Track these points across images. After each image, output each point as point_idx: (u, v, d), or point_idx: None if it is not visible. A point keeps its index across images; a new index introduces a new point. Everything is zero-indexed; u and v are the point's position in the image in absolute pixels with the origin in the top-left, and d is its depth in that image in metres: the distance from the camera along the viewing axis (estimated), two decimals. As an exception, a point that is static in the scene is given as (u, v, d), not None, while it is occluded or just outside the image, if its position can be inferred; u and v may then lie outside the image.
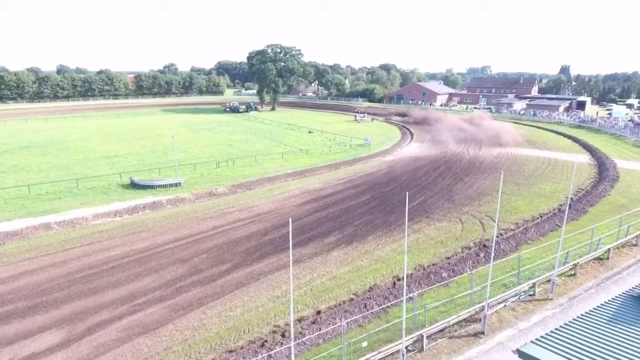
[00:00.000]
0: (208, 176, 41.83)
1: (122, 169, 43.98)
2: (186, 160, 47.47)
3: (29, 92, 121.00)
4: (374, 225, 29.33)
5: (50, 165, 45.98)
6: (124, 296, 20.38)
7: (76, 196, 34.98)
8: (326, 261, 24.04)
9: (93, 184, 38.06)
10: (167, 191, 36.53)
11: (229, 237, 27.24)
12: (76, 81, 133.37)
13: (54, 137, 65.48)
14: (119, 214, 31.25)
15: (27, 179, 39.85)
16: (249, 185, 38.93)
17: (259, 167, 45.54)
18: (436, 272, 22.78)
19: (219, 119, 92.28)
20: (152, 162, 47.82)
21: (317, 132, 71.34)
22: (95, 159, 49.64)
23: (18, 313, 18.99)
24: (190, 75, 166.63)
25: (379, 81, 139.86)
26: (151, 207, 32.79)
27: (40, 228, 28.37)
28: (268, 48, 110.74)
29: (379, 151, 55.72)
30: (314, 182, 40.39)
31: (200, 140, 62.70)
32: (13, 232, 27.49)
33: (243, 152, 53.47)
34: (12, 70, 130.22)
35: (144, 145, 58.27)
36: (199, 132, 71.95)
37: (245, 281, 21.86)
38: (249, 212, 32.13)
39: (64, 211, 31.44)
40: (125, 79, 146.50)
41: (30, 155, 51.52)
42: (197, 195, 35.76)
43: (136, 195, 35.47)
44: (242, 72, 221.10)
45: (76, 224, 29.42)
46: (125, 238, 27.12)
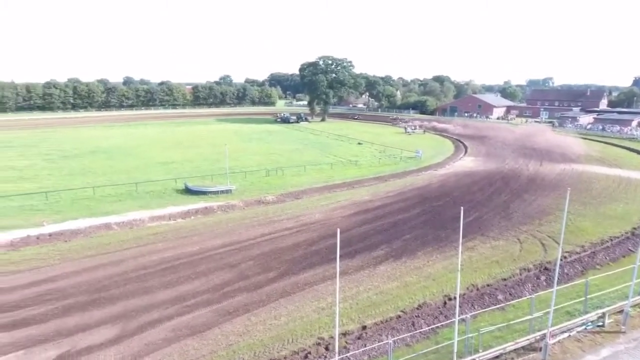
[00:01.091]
0: (258, 184, 42.60)
1: (178, 174, 45.90)
2: (237, 168, 48.70)
3: (97, 102, 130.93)
4: (424, 241, 28.26)
5: (114, 170, 49.02)
6: (174, 297, 20.92)
7: (135, 199, 36.86)
8: (373, 275, 23.39)
9: (150, 188, 39.97)
10: (219, 197, 37.55)
11: (276, 245, 27.35)
12: (139, 91, 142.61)
13: (117, 143, 70.01)
14: (173, 218, 32.47)
15: (93, 182, 42.65)
16: (298, 195, 39.12)
17: (308, 177, 45.76)
18: (491, 293, 21.39)
19: (270, 129, 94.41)
20: (206, 169, 49.54)
21: (366, 143, 70.85)
22: (154, 164, 52.31)
23: (78, 306, 20.03)
24: (244, 86, 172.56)
25: (431, 93, 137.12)
26: (203, 213, 33.78)
27: (102, 228, 30.07)
28: (320, 60, 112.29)
29: (431, 164, 54.17)
30: (363, 194, 39.85)
31: (251, 149, 64.32)
32: (78, 231, 29.34)
33: (292, 162, 54.06)
34: (84, 81, 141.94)
35: (199, 153, 60.66)
36: (251, 141, 73.91)
37: (291, 290, 21.71)
38: (297, 221, 32.17)
39: (123, 213, 33.18)
40: (184, 90, 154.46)
41: (96, 160, 55.33)
42: (246, 202, 36.43)
43: (189, 200, 36.76)
44: (294, 84, 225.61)
45: (134, 225, 30.89)
46: (177, 241, 28.03)
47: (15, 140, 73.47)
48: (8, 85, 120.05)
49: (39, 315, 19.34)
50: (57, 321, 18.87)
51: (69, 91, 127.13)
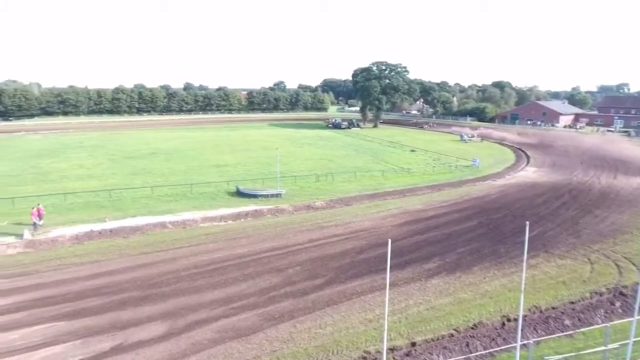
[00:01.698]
0: (307, 189, 42.52)
1: (230, 177, 46.99)
2: (288, 173, 49.01)
3: (159, 106, 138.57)
4: (480, 255, 26.54)
5: (171, 171, 51.22)
6: (221, 298, 21.06)
7: (189, 200, 38.09)
8: (424, 288, 22.21)
9: (204, 190, 41.17)
10: (269, 201, 37.85)
11: (324, 252, 26.89)
12: (198, 97, 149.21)
13: (176, 146, 73.36)
14: (224, 219, 33.07)
15: (152, 181, 44.73)
16: (347, 201, 38.51)
17: (358, 184, 45.03)
18: (557, 317, 19.46)
19: (321, 134, 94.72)
20: (257, 172, 50.35)
21: (420, 151, 68.84)
22: (208, 166, 54.05)
23: (132, 301, 20.72)
24: (297, 92, 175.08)
25: (490, 99, 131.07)
26: (253, 215, 34.13)
27: (158, 226, 31.23)
28: (373, 65, 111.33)
29: (489, 174, 51.37)
30: (415, 203, 38.45)
31: (302, 154, 64.69)
32: (136, 228, 30.66)
33: (343, 168, 53.59)
34: (149, 87, 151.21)
35: (251, 157, 61.94)
36: (302, 146, 74.45)
37: (337, 299, 21.11)
38: (346, 228, 31.55)
39: (178, 212, 34.33)
40: (239, 96, 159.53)
41: (156, 161, 58.21)
42: (296, 207, 36.37)
43: (240, 202, 37.37)
44: (346, 90, 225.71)
45: (187, 225, 31.81)
46: (227, 242, 28.42)
47: (86, 141, 79.38)
48: (82, 91, 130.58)
49: (96, 307, 20.22)
50: (112, 314, 19.61)
51: (134, 96, 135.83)
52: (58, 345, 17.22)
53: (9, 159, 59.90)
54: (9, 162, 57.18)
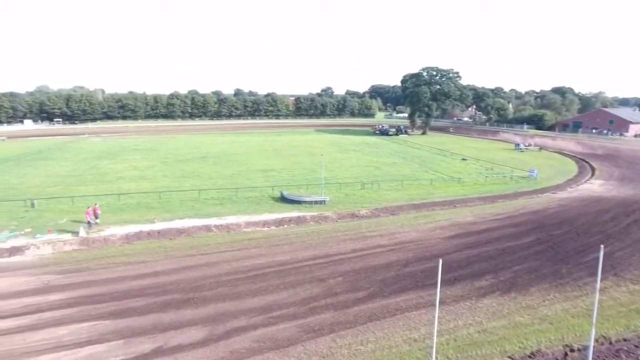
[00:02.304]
0: (352, 197, 41.61)
1: (275, 182, 47.11)
2: (332, 179, 48.38)
3: (211, 111, 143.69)
4: (539, 275, 24.37)
5: (219, 174, 52.28)
6: (261, 306, 20.66)
7: (234, 204, 38.43)
8: (475, 308, 20.58)
9: (249, 194, 41.46)
10: (312, 208, 37.35)
11: (368, 263, 25.87)
12: (247, 102, 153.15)
13: (224, 150, 75.19)
14: (267, 225, 32.92)
15: (200, 184, 45.81)
16: (393, 211, 37.18)
17: (405, 193, 43.48)
18: (630, 351, 17.18)
19: (368, 141, 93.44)
20: (302, 178, 50.16)
21: (471, 159, 65.77)
22: (254, 171, 54.65)
23: (174, 304, 20.83)
24: (345, 98, 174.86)
25: (550, 106, 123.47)
26: (296, 222, 33.74)
27: (203, 229, 31.63)
28: (423, 71, 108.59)
29: (548, 186, 47.82)
30: (466, 215, 36.39)
31: (348, 161, 63.87)
32: (182, 230, 31.24)
33: (389, 176, 52.15)
34: (201, 93, 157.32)
35: (296, 162, 62.01)
36: (348, 152, 73.67)
37: (380, 314, 20.03)
38: (391, 238, 30.31)
39: (223, 216, 34.67)
40: (287, 101, 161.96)
41: (205, 164, 59.80)
42: (339, 215, 35.60)
43: (284, 208, 37.16)
44: (395, 96, 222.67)
45: (230, 229, 31.97)
46: (269, 249, 28.15)
47: (141, 144, 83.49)
48: (140, 97, 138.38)
49: (140, 307, 20.52)
50: (155, 315, 19.77)
51: (187, 102, 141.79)
52: (102, 344, 17.52)
53: (72, 159, 64.10)
54: (72, 162, 61.15)
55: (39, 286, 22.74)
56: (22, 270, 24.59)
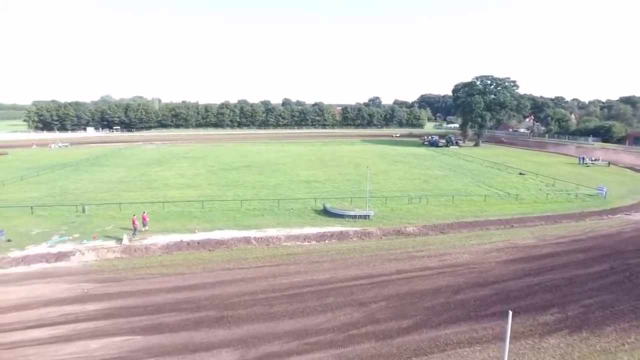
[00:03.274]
0: (399, 212, 39.31)
1: (318, 194, 45.81)
2: (378, 192, 46.33)
3: (258, 120, 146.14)
4: (615, 312, 21.05)
5: (262, 184, 51.85)
6: (297, 329, 19.20)
7: (276, 215, 37.47)
8: (539, 349, 17.88)
9: (291, 206, 40.38)
10: (356, 222, 35.55)
11: (414, 287, 23.68)
12: (294, 112, 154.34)
13: (269, 159, 75.26)
14: (308, 239, 31.53)
15: (242, 194, 45.48)
16: (443, 228, 34.52)
17: (456, 209, 40.50)
18: None
19: (416, 152, 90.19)
20: (346, 190, 48.52)
21: (530, 174, 60.96)
22: (298, 182, 53.72)
23: (207, 322, 19.86)
24: (392, 108, 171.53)
25: (618, 117, 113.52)
26: (338, 237, 32.09)
27: (242, 241, 30.80)
28: (477, 80, 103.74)
29: (620, 206, 42.81)
30: (525, 236, 33.03)
31: (394, 173, 61.39)
32: (221, 241, 30.58)
33: (439, 190, 49.20)
34: (250, 102, 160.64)
35: (341, 173, 60.46)
36: (395, 164, 71.10)
37: (428, 348, 17.88)
38: (440, 260, 27.85)
39: (263, 228, 33.74)
40: (333, 111, 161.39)
41: (249, 174, 59.78)
42: (384, 231, 33.52)
43: (326, 222, 35.65)
44: (445, 106, 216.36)
45: (270, 242, 30.90)
46: (309, 266, 26.71)
47: (190, 152, 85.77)
48: (192, 106, 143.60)
49: (173, 323, 19.75)
50: (187, 334, 18.89)
51: (236, 111, 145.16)
52: (131, 363, 16.80)
53: (125, 166, 66.67)
54: (125, 169, 63.51)
55: (78, 294, 22.72)
56: (65, 277, 24.81)
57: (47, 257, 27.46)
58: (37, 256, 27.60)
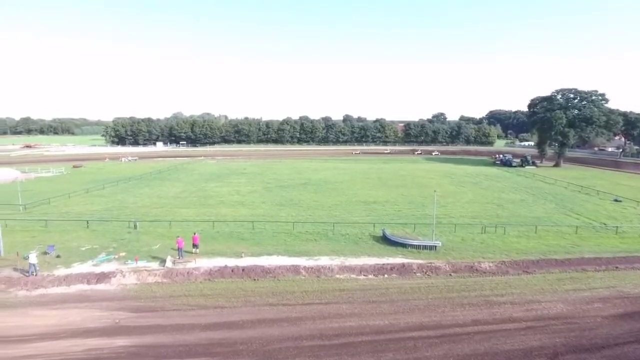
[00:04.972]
0: (470, 242, 34.04)
1: (377, 217, 41.72)
2: (445, 218, 41.21)
3: (318, 137, 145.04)
4: None
5: (317, 204, 48.73)
6: (346, 396, 15.37)
7: (329, 241, 33.98)
8: None
9: (347, 231, 36.69)
10: (420, 254, 30.96)
11: (495, 346, 18.82)
12: (354, 128, 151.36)
13: (327, 177, 72.31)
14: (364, 272, 27.57)
15: (296, 215, 42.63)
16: (526, 267, 28.84)
17: (541, 242, 34.31)
18: None
19: (487, 172, 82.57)
20: (408, 214, 43.92)
21: (627, 200, 52.01)
22: (355, 202, 49.93)
23: (241, 374, 16.72)
24: (459, 124, 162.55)
25: None
26: (399, 272, 27.76)
27: (290, 270, 27.60)
28: (557, 94, 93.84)
29: None
30: (636, 282, 26.44)
31: (463, 195, 55.40)
32: (268, 269, 27.61)
33: (517, 217, 42.85)
34: (310, 119, 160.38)
35: (403, 194, 55.72)
36: (463, 185, 64.77)
37: None
38: (527, 309, 22.56)
39: (315, 256, 30.37)
40: (395, 127, 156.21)
41: (305, 192, 57.06)
42: (454, 266, 28.61)
43: (385, 251, 31.46)
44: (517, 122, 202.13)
45: (321, 273, 27.37)
46: (364, 306, 22.77)
47: (249, 168, 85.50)
48: (254, 122, 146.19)
49: (202, 373, 16.83)
50: (215, 388, 15.82)
51: (297, 127, 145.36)
52: None
53: (184, 181, 67.19)
54: (183, 184, 63.82)
55: (108, 325, 20.73)
56: (100, 303, 23.11)
57: (88, 278, 26.16)
58: (79, 276, 26.43)
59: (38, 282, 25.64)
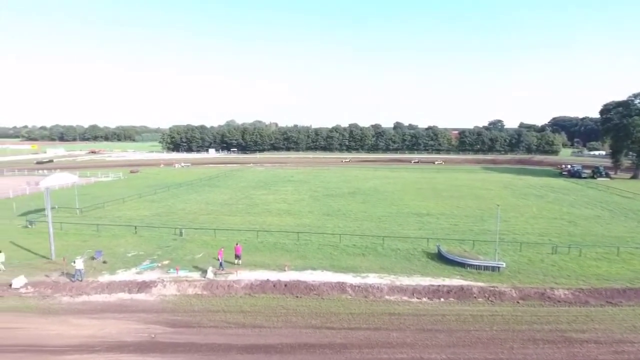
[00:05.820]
0: (539, 264, 30.09)
1: (431, 231, 38.61)
2: (507, 234, 37.29)
3: (367, 144, 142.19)
4: None
5: (366, 215, 46.30)
6: None
7: (379, 256, 31.51)
8: None
9: (398, 245, 34.00)
10: (481, 275, 27.66)
11: (581, 399, 15.50)
12: (406, 136, 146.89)
13: (376, 186, 69.56)
14: (417, 294, 24.86)
15: (343, 226, 40.53)
16: (611, 297, 24.67)
17: (626, 267, 29.62)
18: None
19: (552, 184, 75.75)
20: (465, 228, 40.33)
21: None
22: (407, 214, 46.92)
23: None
24: (519, 132, 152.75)
25: None
26: (457, 295, 24.74)
27: (336, 288, 25.51)
28: (635, 98, 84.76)
29: None
30: None
31: (527, 209, 50.45)
32: (312, 286, 25.71)
33: (593, 236, 37.88)
34: (360, 126, 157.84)
35: (458, 206, 51.81)
36: (526, 197, 59.38)
37: None
38: (616, 351, 18.83)
39: (363, 272, 28.07)
40: (449, 135, 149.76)
41: (353, 201, 54.79)
42: (522, 292, 25.08)
43: (441, 271, 28.46)
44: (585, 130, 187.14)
45: (370, 293, 25.02)
46: (417, 335, 20.14)
47: (296, 175, 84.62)
48: (303, 129, 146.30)
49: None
50: None
51: (346, 134, 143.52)
52: None
53: (232, 187, 67.40)
54: (231, 191, 63.92)
55: (144, 339, 19.76)
56: (139, 314, 22.34)
57: (130, 286, 25.70)
58: (121, 284, 26.06)
59: (82, 289, 25.53)
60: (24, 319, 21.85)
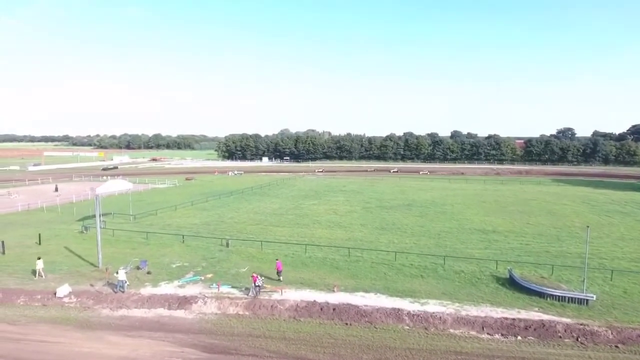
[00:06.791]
0: (636, 296, 25.04)
1: (499, 252, 34.22)
2: (592, 259, 32.01)
3: (424, 154, 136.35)
4: None
5: (423, 230, 42.53)
6: None
7: (440, 279, 27.95)
8: None
9: (461, 267, 30.17)
10: (565, 309, 23.26)
11: None
12: (465, 145, 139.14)
13: (434, 198, 65.07)
14: (488, 329, 21.13)
15: (398, 242, 37.26)
16: None
17: None
18: None
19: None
20: (540, 249, 35.43)
21: None
22: (469, 230, 42.50)
23: None
24: (594, 140, 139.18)
25: None
26: (537, 333, 20.66)
27: (391, 316, 22.44)
28: None
29: None
30: None
31: (612, 228, 43.98)
32: (363, 312, 22.84)
33: (703, 264, 31.56)
34: (415, 134, 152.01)
35: (529, 223, 46.33)
36: (609, 214, 52.23)
37: None
38: None
39: (421, 298, 24.76)
40: (513, 144, 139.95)
41: (409, 215, 51.04)
42: (621, 334, 20.48)
43: (515, 301, 24.38)
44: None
45: (430, 324, 21.67)
46: (491, 384, 16.59)
47: (349, 185, 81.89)
48: (356, 138, 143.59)
49: None
50: None
51: (400, 143, 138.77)
52: None
53: (282, 197, 66.08)
54: (281, 200, 62.56)
55: (177, 365, 17.97)
56: (175, 335, 20.73)
57: (170, 302, 24.37)
58: (162, 298, 24.84)
59: (123, 301, 24.57)
60: (61, 332, 21.04)
